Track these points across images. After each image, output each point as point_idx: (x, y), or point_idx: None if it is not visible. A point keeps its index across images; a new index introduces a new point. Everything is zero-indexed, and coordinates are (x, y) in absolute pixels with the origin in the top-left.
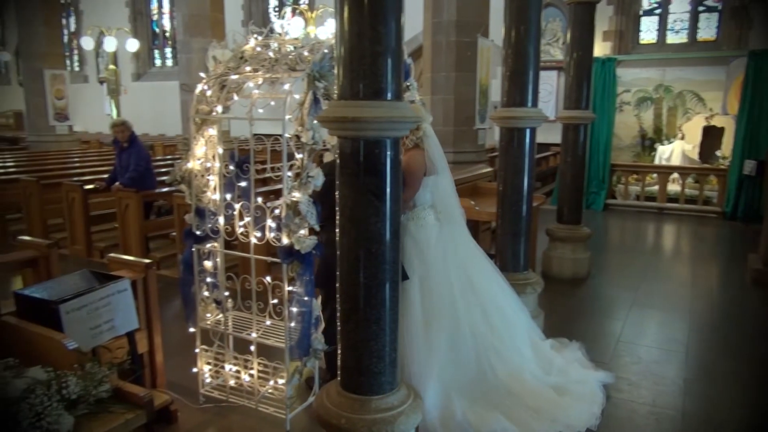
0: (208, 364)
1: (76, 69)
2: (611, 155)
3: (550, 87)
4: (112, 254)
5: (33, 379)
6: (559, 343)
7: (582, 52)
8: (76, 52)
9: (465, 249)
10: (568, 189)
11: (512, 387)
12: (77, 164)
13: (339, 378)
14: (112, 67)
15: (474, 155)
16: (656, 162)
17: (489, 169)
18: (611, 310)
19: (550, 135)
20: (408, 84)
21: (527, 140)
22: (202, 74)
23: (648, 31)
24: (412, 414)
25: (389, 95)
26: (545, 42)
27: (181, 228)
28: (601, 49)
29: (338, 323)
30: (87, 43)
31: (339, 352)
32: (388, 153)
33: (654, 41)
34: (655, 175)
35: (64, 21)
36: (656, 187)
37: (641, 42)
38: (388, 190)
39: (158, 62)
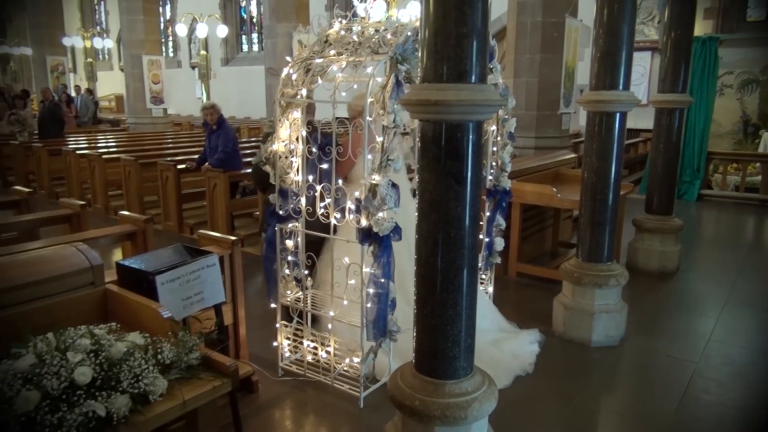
0: (287, 339)
1: (171, 55)
2: (708, 142)
3: (642, 69)
4: (201, 230)
5: (133, 343)
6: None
7: (681, 30)
8: (170, 38)
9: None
10: (659, 177)
11: None
12: (171, 145)
13: (413, 359)
14: (203, 52)
15: (557, 141)
16: (760, 150)
17: (572, 155)
18: (702, 307)
19: (641, 120)
20: (491, 66)
21: (617, 125)
22: (288, 58)
23: (756, 7)
24: (485, 401)
25: (473, 78)
26: (639, 20)
27: (264, 207)
28: (701, 27)
29: (414, 306)
30: (181, 29)
31: (414, 334)
32: (471, 137)
33: (762, 18)
34: (758, 165)
35: (160, 9)
36: (759, 178)
37: (748, 20)
38: (469, 174)
39: (245, 47)
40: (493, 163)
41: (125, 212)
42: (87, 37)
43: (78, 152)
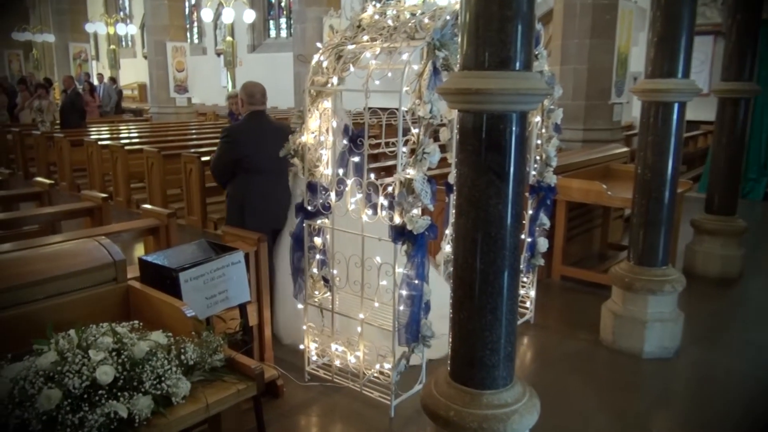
0: (315, 342)
1: (196, 41)
2: None
3: (703, 55)
4: (226, 226)
5: (156, 343)
6: None
7: (747, 12)
8: (195, 24)
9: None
10: (722, 174)
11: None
12: (195, 136)
13: (449, 367)
14: (229, 38)
15: (608, 133)
16: None
17: (624, 149)
18: (767, 317)
19: (701, 111)
20: (537, 53)
21: (675, 117)
22: (319, 44)
23: None
24: (526, 413)
25: (518, 65)
26: (700, 2)
27: None
28: None
29: (450, 310)
30: (207, 14)
31: (450, 339)
32: (514, 129)
33: None
34: None
35: None
36: None
37: None
38: (511, 169)
39: (273, 33)
40: (538, 158)
41: (148, 206)
42: (110, 23)
43: (100, 143)
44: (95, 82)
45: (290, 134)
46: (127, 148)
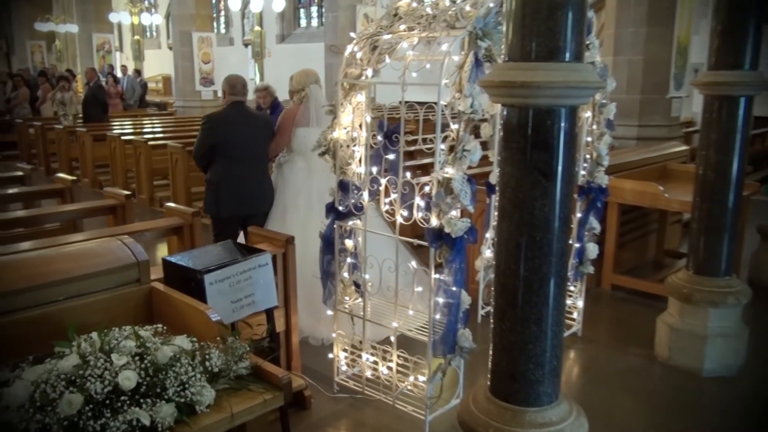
0: (344, 351)
1: (222, 32)
2: None
3: None
4: (253, 227)
5: (180, 348)
6: None
7: None
8: (222, 13)
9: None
10: None
11: None
12: None
13: (489, 381)
14: (257, 28)
15: (665, 130)
16: None
17: (684, 148)
18: None
19: None
20: (588, 42)
21: (741, 112)
22: (353, 34)
23: None
24: None
25: (567, 56)
26: None
27: None
28: None
29: (491, 320)
30: (234, 3)
31: (491, 351)
32: (562, 125)
33: None
34: None
35: None
36: None
37: None
38: (559, 168)
39: (303, 22)
40: (587, 156)
41: (171, 204)
42: (135, 12)
43: (123, 138)
44: (119, 74)
45: (267, 123)
46: (150, 143)
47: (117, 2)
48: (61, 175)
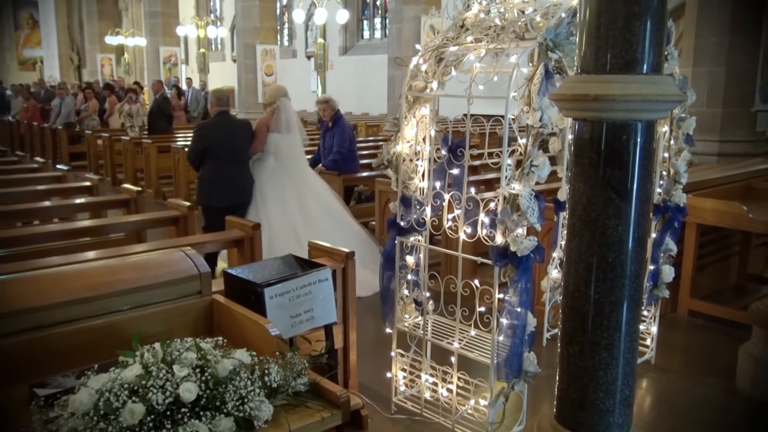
0: (403, 370)
1: (286, 44)
2: None
3: None
4: (313, 240)
5: (239, 362)
6: None
7: None
8: (286, 26)
9: (300, 180)
10: None
11: None
12: None
13: (555, 408)
14: (320, 40)
15: (749, 145)
16: None
17: None
18: None
19: None
20: (666, 53)
21: None
22: (418, 46)
23: None
24: None
25: (645, 67)
26: None
27: (382, 217)
28: None
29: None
30: (298, 15)
31: (558, 377)
32: (638, 140)
33: None
34: None
35: None
36: None
37: None
38: (634, 186)
39: (366, 34)
40: (664, 173)
41: (232, 217)
42: (201, 25)
43: (186, 150)
44: (183, 86)
45: (247, 128)
46: None
47: (184, 16)
48: (126, 185)
